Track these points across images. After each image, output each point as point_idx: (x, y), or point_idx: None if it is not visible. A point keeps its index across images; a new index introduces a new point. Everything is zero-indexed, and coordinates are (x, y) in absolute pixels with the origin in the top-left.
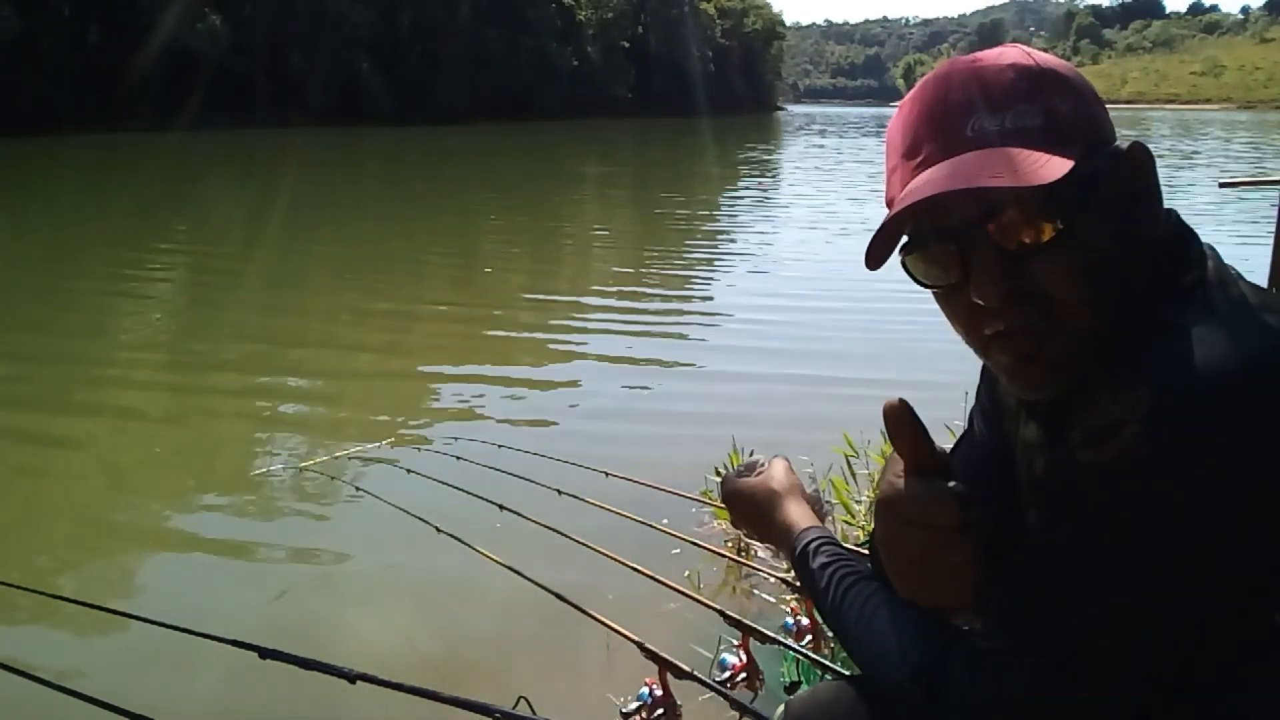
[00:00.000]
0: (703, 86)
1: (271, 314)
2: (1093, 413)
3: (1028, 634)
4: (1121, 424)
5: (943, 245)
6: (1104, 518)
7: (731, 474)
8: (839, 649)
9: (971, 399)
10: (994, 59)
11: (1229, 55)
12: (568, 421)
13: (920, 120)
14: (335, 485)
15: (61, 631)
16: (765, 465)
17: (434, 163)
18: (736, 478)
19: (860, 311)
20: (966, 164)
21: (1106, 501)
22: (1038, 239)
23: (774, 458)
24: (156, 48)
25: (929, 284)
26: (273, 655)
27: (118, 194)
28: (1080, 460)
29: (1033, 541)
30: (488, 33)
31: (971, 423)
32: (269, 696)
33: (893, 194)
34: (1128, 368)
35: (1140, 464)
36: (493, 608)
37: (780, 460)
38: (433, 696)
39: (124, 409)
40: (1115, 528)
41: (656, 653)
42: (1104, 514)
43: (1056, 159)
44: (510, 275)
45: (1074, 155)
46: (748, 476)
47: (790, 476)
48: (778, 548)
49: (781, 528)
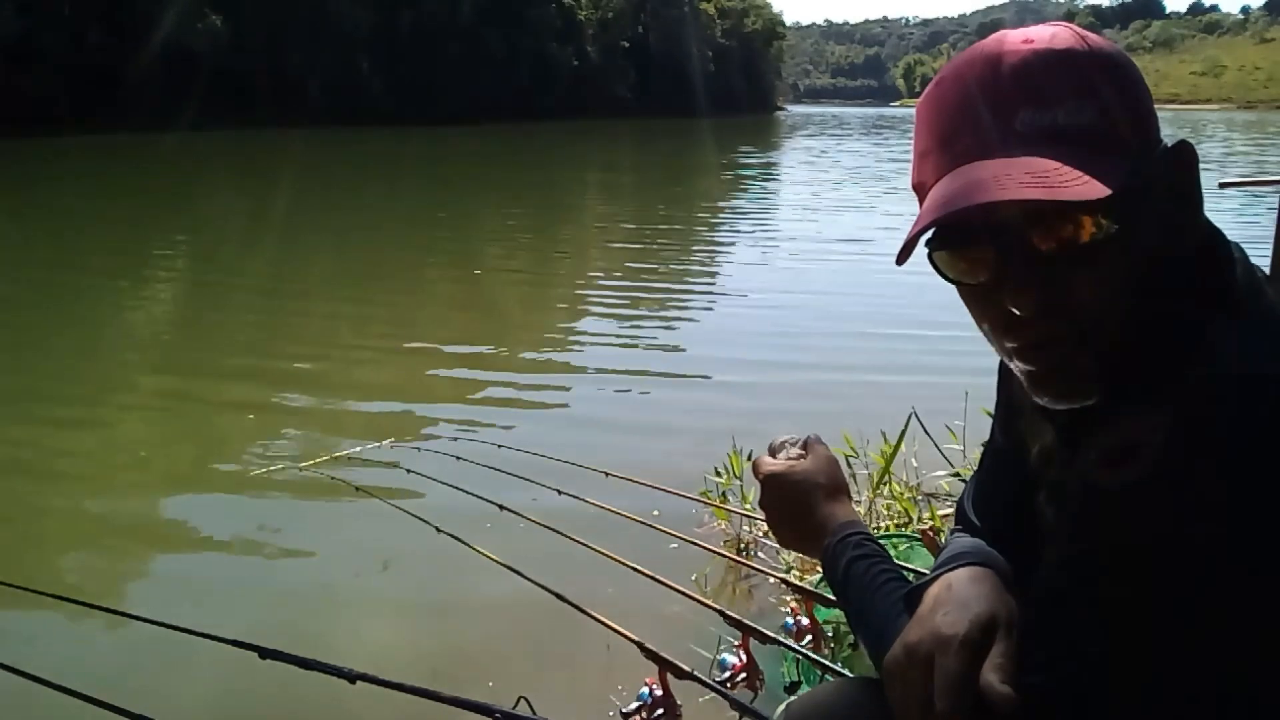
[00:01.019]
0: (703, 86)
1: (272, 314)
2: (1112, 431)
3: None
4: (1141, 446)
5: (977, 245)
6: (1119, 546)
7: (766, 456)
8: (839, 649)
9: (972, 399)
10: (1046, 42)
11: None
12: (568, 421)
13: (962, 104)
14: (335, 485)
15: (61, 631)
16: (802, 450)
17: (434, 163)
18: (773, 458)
19: (860, 312)
20: (1012, 170)
21: (1122, 528)
22: (1079, 247)
23: (814, 442)
24: (156, 47)
25: (957, 280)
26: (273, 655)
27: (118, 194)
28: (1098, 481)
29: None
30: (488, 33)
31: (993, 432)
32: (269, 696)
33: (922, 178)
34: (1151, 386)
35: (1159, 492)
36: (492, 608)
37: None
38: (433, 696)
39: (123, 408)
40: (1130, 557)
41: (656, 653)
42: (1119, 542)
43: (1108, 167)
44: (510, 275)
45: (1126, 158)
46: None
47: (835, 469)
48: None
49: (818, 521)
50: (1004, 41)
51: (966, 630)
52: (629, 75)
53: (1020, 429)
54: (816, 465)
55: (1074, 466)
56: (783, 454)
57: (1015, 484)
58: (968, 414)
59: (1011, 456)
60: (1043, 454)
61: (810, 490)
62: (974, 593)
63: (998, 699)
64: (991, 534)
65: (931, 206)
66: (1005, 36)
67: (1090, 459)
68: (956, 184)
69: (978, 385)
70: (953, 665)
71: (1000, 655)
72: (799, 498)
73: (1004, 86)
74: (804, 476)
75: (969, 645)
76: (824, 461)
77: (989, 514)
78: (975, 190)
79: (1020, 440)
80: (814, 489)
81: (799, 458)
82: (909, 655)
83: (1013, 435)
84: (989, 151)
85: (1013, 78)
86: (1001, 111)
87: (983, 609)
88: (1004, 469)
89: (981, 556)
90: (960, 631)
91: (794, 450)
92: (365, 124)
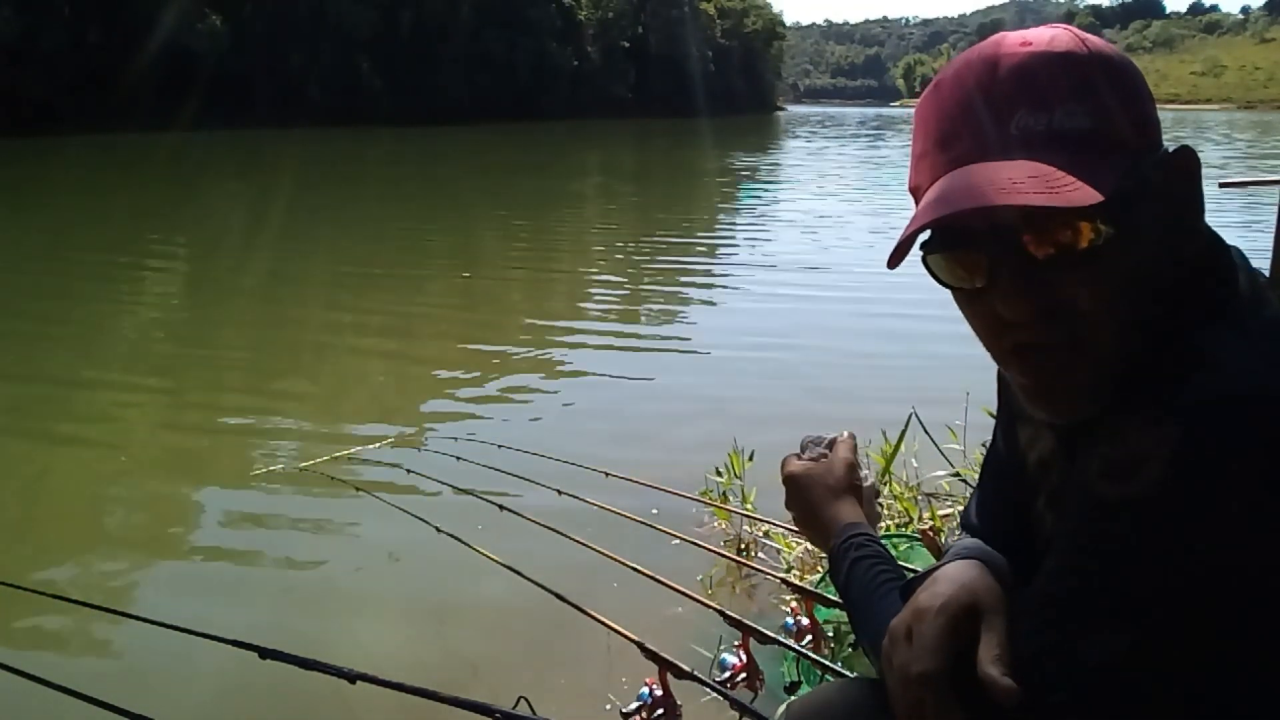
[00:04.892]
0: (703, 86)
1: (272, 314)
2: (1115, 443)
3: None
4: (1145, 460)
5: (971, 249)
6: (1121, 559)
7: (793, 455)
8: (839, 649)
9: (973, 399)
10: (1045, 44)
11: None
12: (568, 421)
13: (959, 107)
14: (336, 485)
15: (61, 631)
16: (825, 449)
17: (433, 163)
18: (797, 459)
19: (860, 313)
20: (1008, 174)
21: (1125, 542)
22: (1075, 252)
23: (840, 442)
24: (156, 48)
25: (951, 284)
26: (273, 655)
27: (117, 194)
28: (1099, 495)
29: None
30: (488, 33)
31: (994, 438)
32: (269, 696)
33: (919, 181)
34: (1154, 398)
35: (1162, 506)
36: (493, 608)
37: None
38: (432, 696)
39: (123, 409)
40: (1131, 570)
41: (656, 653)
42: (1121, 555)
43: (1105, 172)
44: (511, 275)
45: (1125, 162)
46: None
47: (852, 474)
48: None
49: (826, 522)
50: (1002, 44)
51: (944, 600)
52: (629, 75)
53: (1020, 436)
54: (828, 467)
55: (1074, 476)
56: (807, 453)
57: (1016, 491)
58: (968, 414)
59: (1011, 463)
60: (1042, 462)
61: (817, 492)
62: (959, 576)
63: (1000, 692)
64: (993, 540)
65: (925, 208)
66: (1004, 38)
67: (1092, 470)
68: (951, 186)
69: (978, 385)
70: (927, 629)
71: (998, 646)
72: (809, 499)
73: (1002, 89)
74: (813, 479)
75: (944, 612)
76: (838, 463)
77: (990, 520)
78: (970, 193)
79: (1020, 448)
80: (821, 491)
81: (820, 457)
82: (891, 636)
83: (1012, 442)
84: (986, 154)
85: (1011, 80)
86: (999, 114)
87: (964, 590)
88: (1004, 475)
89: (978, 554)
90: (937, 603)
91: (818, 450)
92: (365, 124)
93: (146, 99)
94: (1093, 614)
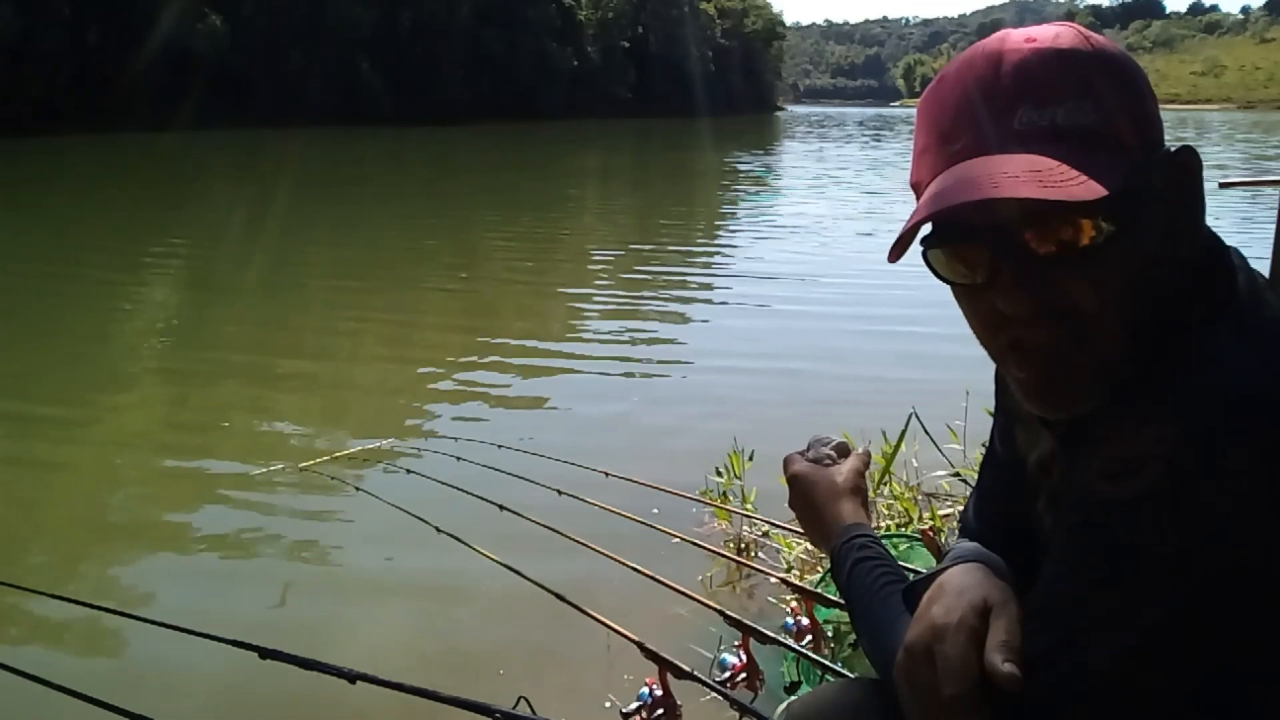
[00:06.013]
0: (702, 86)
1: (272, 314)
2: (1115, 443)
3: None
4: (1145, 460)
5: (972, 244)
6: (1122, 558)
7: (797, 453)
8: (839, 649)
9: (973, 399)
10: (1049, 41)
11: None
12: (567, 421)
13: (962, 102)
14: (335, 485)
15: (61, 631)
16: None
17: (434, 163)
18: (802, 459)
19: (860, 313)
20: (1009, 168)
21: (1126, 542)
22: (1076, 250)
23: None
24: (156, 48)
25: (951, 280)
26: (273, 655)
27: (117, 194)
28: (1100, 494)
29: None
30: (488, 33)
31: (993, 439)
32: (269, 696)
33: (920, 177)
34: (1154, 398)
35: (1163, 506)
36: (493, 607)
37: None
38: (433, 696)
39: (124, 408)
40: (1133, 570)
41: (656, 653)
42: (1122, 554)
43: (1106, 168)
44: (511, 275)
45: (1124, 160)
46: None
47: (858, 479)
48: (819, 541)
49: (828, 523)
50: (1006, 40)
51: (961, 615)
52: (628, 75)
53: (1018, 438)
54: (834, 469)
55: (1073, 476)
56: (810, 452)
57: (1014, 492)
58: (968, 414)
59: (1010, 464)
60: (1041, 463)
61: (820, 491)
62: (965, 582)
63: (1003, 679)
64: (992, 541)
65: (926, 202)
66: (1008, 35)
67: (1091, 469)
68: (952, 180)
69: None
70: (950, 650)
71: (1003, 633)
72: (813, 498)
73: (1004, 85)
74: (817, 478)
75: (964, 628)
76: (847, 468)
77: (989, 522)
78: (971, 187)
79: (1018, 449)
80: (825, 491)
81: (824, 458)
82: (910, 654)
83: (1010, 444)
84: (987, 149)
85: (1013, 76)
86: (1001, 110)
87: (975, 594)
88: (1002, 476)
89: (977, 556)
90: (954, 619)
91: (823, 450)
92: (365, 124)
93: (146, 99)
94: (1094, 615)
